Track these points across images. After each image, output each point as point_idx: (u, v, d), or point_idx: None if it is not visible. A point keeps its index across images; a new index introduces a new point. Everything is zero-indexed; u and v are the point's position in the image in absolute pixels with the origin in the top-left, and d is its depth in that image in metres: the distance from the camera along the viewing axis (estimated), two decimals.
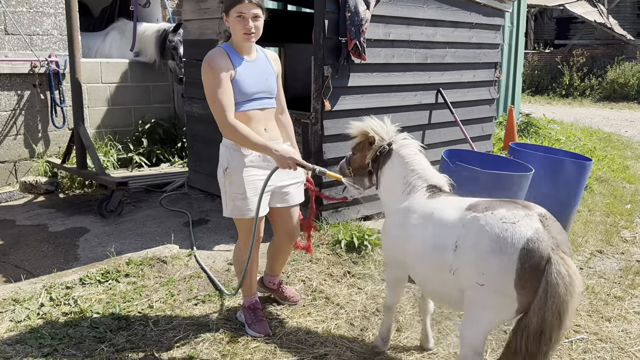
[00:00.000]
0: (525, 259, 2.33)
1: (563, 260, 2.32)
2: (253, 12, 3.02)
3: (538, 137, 9.08)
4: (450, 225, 2.65)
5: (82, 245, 4.78)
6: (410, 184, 2.99)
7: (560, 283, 2.27)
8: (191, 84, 6.14)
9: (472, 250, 2.49)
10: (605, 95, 17.50)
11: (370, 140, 3.13)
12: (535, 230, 2.37)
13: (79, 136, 5.89)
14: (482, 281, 2.45)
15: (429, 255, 2.72)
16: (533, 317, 2.33)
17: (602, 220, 5.75)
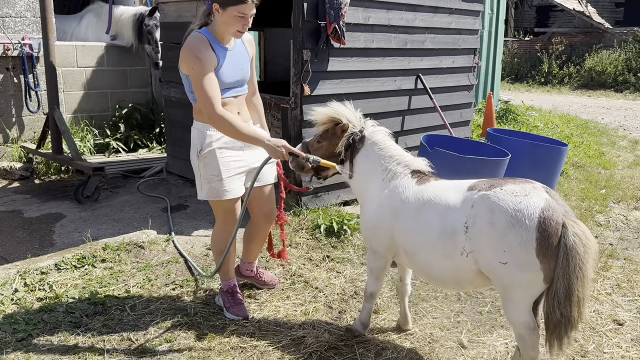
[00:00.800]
0: (543, 228, 2.40)
1: (576, 224, 2.42)
2: (253, 12, 3.05)
3: (516, 123, 9.17)
4: (456, 207, 2.63)
5: (57, 230, 4.72)
6: (390, 171, 2.97)
7: (579, 243, 2.38)
8: (169, 67, 6.05)
9: (488, 228, 2.49)
10: (583, 83, 17.74)
11: (343, 128, 3.05)
12: (546, 200, 2.45)
13: (54, 121, 5.78)
14: (504, 259, 2.47)
15: (434, 242, 2.69)
16: (559, 283, 2.41)
17: (577, 205, 5.85)
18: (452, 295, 3.78)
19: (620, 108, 13.67)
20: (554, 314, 2.46)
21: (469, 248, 2.57)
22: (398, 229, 2.87)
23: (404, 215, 2.84)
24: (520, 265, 2.46)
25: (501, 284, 2.55)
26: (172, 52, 5.95)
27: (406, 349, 3.12)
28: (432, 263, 2.75)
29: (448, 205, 2.67)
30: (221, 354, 3.02)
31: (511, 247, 2.44)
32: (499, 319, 3.49)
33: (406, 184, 2.91)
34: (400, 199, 2.87)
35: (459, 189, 2.71)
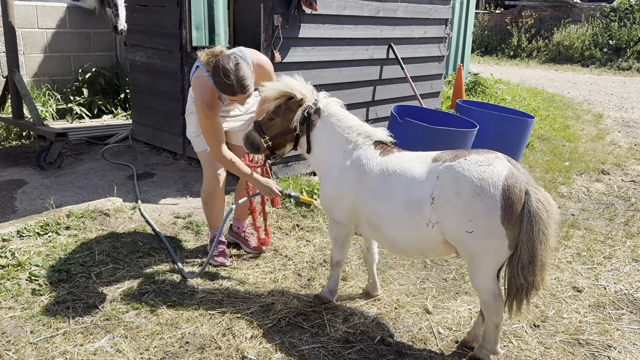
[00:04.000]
0: (507, 195, 2.45)
1: (538, 190, 2.50)
2: (245, 97, 3.17)
3: (485, 96, 9.26)
4: (422, 179, 2.65)
5: (19, 197, 4.58)
6: (351, 142, 2.94)
7: (542, 209, 2.45)
8: (134, 30, 5.87)
9: (454, 198, 2.52)
10: (551, 57, 17.97)
11: (299, 102, 2.97)
12: (508, 168, 2.51)
13: (14, 84, 5.56)
14: (471, 228, 2.51)
15: (399, 213, 2.70)
16: (523, 249, 2.48)
17: (541, 177, 5.98)
18: (418, 263, 3.85)
19: (585, 82, 13.94)
20: (517, 279, 2.52)
21: (434, 219, 2.60)
22: (361, 200, 2.87)
23: (369, 187, 2.84)
24: (486, 233, 2.50)
25: (467, 252, 2.60)
26: (138, 15, 5.76)
27: (373, 315, 3.17)
28: (397, 234, 2.77)
29: (413, 177, 2.69)
30: (189, 321, 3.01)
31: (477, 215, 2.48)
32: (462, 285, 3.58)
33: (370, 155, 2.89)
34: (365, 170, 2.86)
35: (423, 161, 2.73)
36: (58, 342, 2.77)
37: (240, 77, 3.06)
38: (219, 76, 3.07)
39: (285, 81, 2.99)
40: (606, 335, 3.11)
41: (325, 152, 3.02)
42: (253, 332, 2.94)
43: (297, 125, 3.00)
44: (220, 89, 3.13)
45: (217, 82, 3.12)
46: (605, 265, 4.00)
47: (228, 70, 3.04)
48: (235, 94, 3.10)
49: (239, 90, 3.08)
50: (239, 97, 3.15)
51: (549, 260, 2.56)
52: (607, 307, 3.42)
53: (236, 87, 3.07)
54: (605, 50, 17.08)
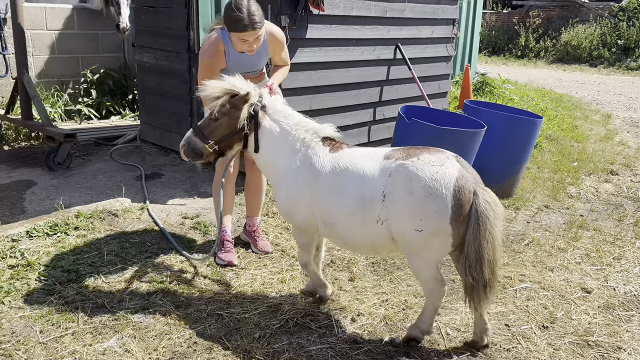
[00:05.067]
0: (458, 197, 2.52)
1: (486, 191, 2.58)
2: (255, 37, 3.18)
3: (492, 96, 9.22)
4: (374, 176, 2.66)
5: (28, 198, 4.61)
6: (300, 139, 2.89)
7: (489, 209, 2.52)
8: (142, 31, 5.89)
9: (407, 197, 2.55)
10: (559, 57, 17.87)
11: (245, 98, 2.89)
12: (459, 169, 2.57)
13: (24, 85, 5.59)
14: (420, 227, 2.55)
15: (353, 211, 2.69)
16: (470, 248, 2.54)
17: (549, 177, 5.96)
18: None
19: (594, 82, 13.86)
20: (467, 278, 2.59)
21: (384, 216, 2.63)
22: (316, 201, 2.82)
23: (322, 186, 2.79)
24: (434, 231, 2.56)
25: (412, 249, 2.65)
26: (146, 16, 5.78)
27: (381, 315, 3.17)
28: (350, 231, 2.77)
29: (365, 174, 2.69)
30: (197, 322, 3.02)
31: (428, 215, 2.53)
32: None
33: (319, 152, 2.85)
34: (316, 169, 2.81)
35: (375, 157, 2.72)
36: (67, 342, 2.79)
37: (252, 11, 3.12)
38: (231, 10, 3.12)
39: (228, 79, 2.92)
40: (616, 337, 3.09)
41: (274, 151, 2.94)
42: (261, 332, 2.95)
43: (244, 124, 2.91)
44: (231, 26, 3.15)
45: (228, 19, 3.15)
46: (614, 266, 3.97)
47: (240, 3, 3.11)
48: (245, 28, 3.11)
49: (249, 24, 3.11)
50: (249, 33, 3.14)
51: (499, 258, 2.62)
52: (617, 308, 3.40)
53: (246, 20, 3.10)
54: (614, 50, 16.97)
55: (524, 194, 5.36)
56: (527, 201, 5.21)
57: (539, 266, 3.92)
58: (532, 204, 5.19)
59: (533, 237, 4.39)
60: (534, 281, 3.69)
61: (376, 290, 3.46)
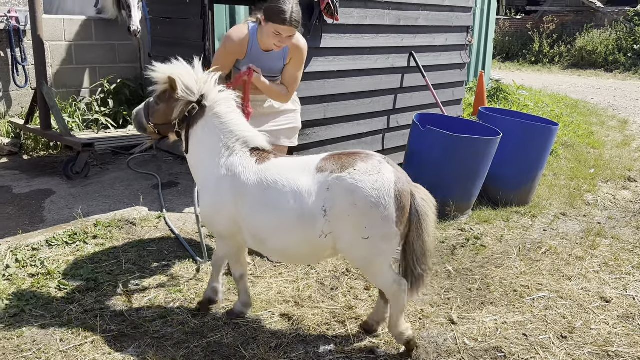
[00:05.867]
0: (400, 200, 2.59)
1: (419, 189, 2.71)
2: (290, 34, 3.23)
3: (507, 102, 9.19)
4: (311, 191, 2.60)
5: (47, 207, 4.68)
6: (228, 147, 2.76)
7: (426, 206, 2.68)
8: (158, 42, 5.97)
9: (350, 209, 2.55)
10: (574, 63, 17.75)
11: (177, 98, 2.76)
12: (394, 173, 2.62)
13: (43, 96, 5.69)
14: (367, 234, 2.59)
15: (290, 227, 2.63)
16: (416, 244, 2.70)
17: (566, 184, 5.91)
18: (442, 272, 3.83)
19: (610, 88, 13.73)
20: (415, 270, 2.74)
21: (327, 229, 2.61)
22: (242, 214, 2.72)
23: (248, 199, 2.69)
24: (382, 237, 2.61)
25: (362, 256, 2.68)
26: (162, 27, 5.86)
27: None
28: (288, 246, 2.72)
29: (300, 188, 2.61)
30: (214, 330, 3.04)
31: (373, 223, 2.57)
32: (488, 296, 3.55)
33: (245, 163, 2.73)
34: (241, 180, 2.71)
35: (306, 170, 2.64)
36: (87, 350, 2.82)
37: (295, 10, 3.18)
38: (276, 1, 3.15)
39: (175, 67, 2.79)
40: (636, 347, 3.05)
41: (201, 156, 2.83)
42: (277, 341, 2.96)
43: (176, 121, 2.82)
44: (271, 16, 3.17)
45: (270, 9, 3.18)
46: (633, 274, 3.93)
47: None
48: (284, 21, 3.14)
49: (290, 20, 3.14)
50: (285, 28, 3.16)
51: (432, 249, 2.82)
52: (637, 318, 3.36)
53: (288, 14, 3.13)
54: (630, 55, 16.82)
55: (541, 202, 5.32)
56: (544, 209, 5.18)
57: (557, 275, 3.89)
58: (549, 211, 5.15)
59: (550, 246, 4.36)
60: (551, 290, 3.66)
61: None
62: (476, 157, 4.71)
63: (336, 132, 5.22)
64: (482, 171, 4.82)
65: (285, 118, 3.72)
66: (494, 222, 4.80)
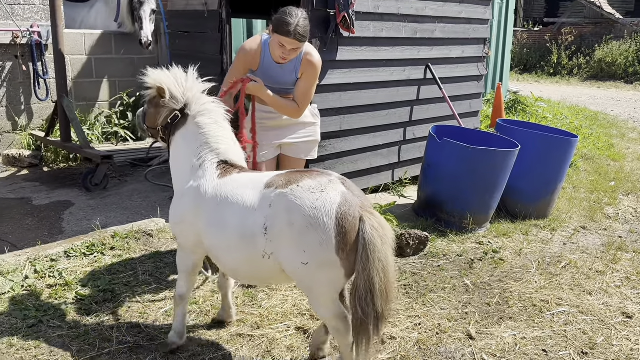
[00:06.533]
0: (341, 225, 2.32)
1: (373, 215, 2.37)
2: (294, 47, 3.25)
3: (525, 114, 9.11)
4: (254, 207, 2.45)
5: (66, 218, 4.74)
6: (200, 159, 2.71)
7: (376, 236, 2.32)
8: (177, 56, 6.03)
9: (287, 229, 2.35)
10: (593, 74, 17.57)
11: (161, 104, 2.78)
12: (342, 193, 2.37)
13: (63, 109, 5.78)
14: (305, 259, 2.35)
15: (235, 245, 2.50)
16: (360, 279, 2.33)
17: (586, 197, 5.82)
18: (459, 286, 3.78)
19: (630, 100, 13.55)
20: (356, 312, 2.35)
21: (269, 250, 2.42)
22: (200, 228, 2.64)
23: (204, 213, 2.61)
24: (321, 264, 2.36)
25: (304, 283, 2.47)
26: (180, 41, 5.93)
27: (414, 339, 3.12)
28: (237, 266, 2.58)
29: (245, 205, 2.48)
30: (230, 342, 3.03)
31: (311, 247, 2.33)
32: (507, 310, 3.49)
33: (209, 176, 2.66)
34: (200, 194, 2.63)
35: (256, 186, 2.51)
36: None
37: (300, 23, 3.19)
38: (284, 13, 3.19)
39: (164, 73, 2.79)
40: None
41: (177, 164, 2.81)
42: (292, 355, 2.94)
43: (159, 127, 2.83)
44: (276, 26, 3.21)
45: (276, 20, 3.21)
46: None
47: (294, 12, 3.20)
48: (288, 33, 3.17)
49: (294, 32, 3.17)
50: (289, 40, 3.19)
51: (391, 289, 2.38)
52: None
53: (292, 27, 3.16)
54: None
55: (560, 215, 5.25)
56: (563, 222, 5.10)
57: (577, 289, 3.81)
58: (569, 225, 5.07)
59: (570, 260, 4.28)
60: (572, 305, 3.59)
61: (409, 313, 3.41)
62: (494, 170, 4.66)
63: (352, 144, 5.22)
64: (500, 184, 4.77)
65: (305, 131, 3.72)
66: (512, 235, 4.73)
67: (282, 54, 3.28)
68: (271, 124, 3.60)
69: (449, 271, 4.00)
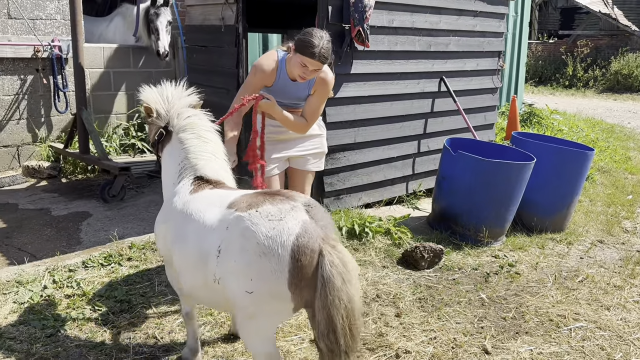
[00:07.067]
0: (296, 258, 2.16)
1: (335, 249, 2.20)
2: (316, 68, 3.26)
3: (540, 127, 9.07)
4: (213, 227, 2.34)
5: (84, 229, 4.80)
6: (180, 174, 2.71)
7: (335, 273, 2.15)
8: (194, 69, 6.13)
9: (239, 255, 2.21)
10: (609, 87, 17.44)
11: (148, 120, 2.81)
12: (303, 223, 2.20)
13: (82, 121, 5.89)
14: (251, 288, 2.20)
15: (193, 264, 2.40)
16: (320, 315, 2.17)
17: (603, 211, 5.76)
18: (475, 300, 3.76)
19: None
20: (320, 345, 2.23)
21: (218, 274, 2.29)
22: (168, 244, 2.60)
23: (172, 229, 2.56)
24: (269, 295, 2.21)
25: (245, 313, 2.29)
26: (198, 55, 6.02)
27: (429, 354, 3.11)
28: (194, 287, 2.48)
29: (205, 224, 2.38)
30: (244, 354, 3.04)
31: (261, 276, 2.18)
32: (523, 325, 3.46)
33: (182, 191, 2.62)
34: (171, 209, 2.60)
35: (220, 205, 2.40)
36: None
37: (325, 45, 3.19)
38: (308, 34, 3.19)
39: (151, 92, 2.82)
40: None
41: (164, 179, 2.82)
42: None
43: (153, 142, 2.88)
44: (300, 47, 3.20)
45: (300, 41, 3.21)
46: None
47: (319, 33, 3.20)
48: (312, 55, 3.16)
49: (317, 54, 3.16)
50: (312, 62, 3.18)
51: (356, 324, 2.22)
52: None
53: (317, 49, 3.16)
54: None
55: (577, 228, 5.20)
56: (580, 236, 5.05)
57: (595, 304, 3.77)
58: (585, 238, 5.02)
59: (587, 274, 4.24)
60: (589, 320, 3.55)
61: (424, 327, 3.40)
62: (509, 183, 4.65)
63: (366, 156, 5.24)
64: (516, 197, 4.74)
65: (311, 143, 3.74)
66: (528, 248, 4.70)
67: (303, 73, 3.28)
68: (279, 138, 3.62)
69: (465, 285, 3.98)
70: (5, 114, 6.37)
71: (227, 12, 5.39)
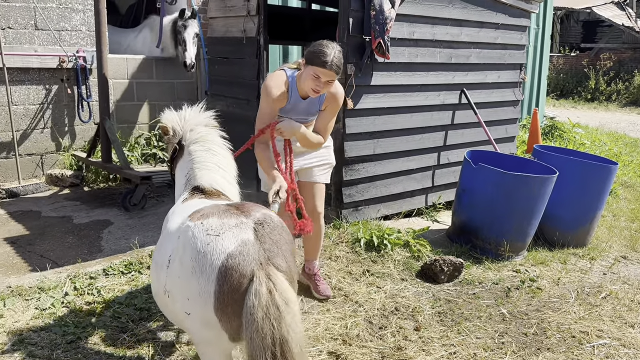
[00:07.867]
0: (223, 280, 1.97)
1: (267, 278, 1.97)
2: (329, 78, 3.24)
3: (562, 140, 8.96)
4: (170, 237, 2.26)
5: (105, 237, 4.86)
6: (185, 186, 2.71)
7: (256, 305, 1.92)
8: (215, 81, 6.20)
9: (178, 268, 2.09)
10: (632, 100, 17.18)
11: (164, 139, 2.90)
12: (240, 242, 2.02)
13: (105, 131, 5.98)
14: (188, 309, 2.06)
15: (155, 274, 2.32)
16: (247, 346, 1.96)
17: (626, 226, 5.65)
18: (496, 315, 3.71)
19: None
20: None
21: (168, 286, 2.16)
22: None
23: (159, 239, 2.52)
24: (200, 319, 2.05)
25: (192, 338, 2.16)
26: (219, 67, 6.09)
27: None
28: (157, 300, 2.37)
29: (169, 232, 2.30)
30: None
31: (193, 296, 2.02)
32: (544, 341, 3.40)
33: (178, 201, 2.64)
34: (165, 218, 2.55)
35: (184, 214, 2.30)
36: None
37: (338, 56, 3.19)
38: (320, 45, 3.19)
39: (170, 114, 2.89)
40: None
41: (176, 193, 2.83)
42: None
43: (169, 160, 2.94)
44: (313, 59, 3.18)
45: (312, 52, 3.20)
46: None
47: (330, 44, 3.20)
48: (324, 64, 3.14)
49: (330, 63, 3.15)
50: (325, 72, 3.15)
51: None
52: None
53: (329, 58, 3.14)
54: None
55: (599, 244, 5.11)
56: (603, 251, 4.96)
57: (618, 321, 3.69)
58: (609, 254, 4.93)
59: (611, 290, 4.15)
60: (613, 337, 3.47)
61: (443, 341, 3.36)
62: (531, 196, 4.59)
63: (385, 167, 5.22)
64: (538, 211, 4.68)
65: (317, 154, 3.72)
66: (550, 263, 4.63)
67: (316, 86, 3.23)
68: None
69: (485, 299, 3.93)
70: (30, 123, 6.50)
71: (249, 24, 5.45)
